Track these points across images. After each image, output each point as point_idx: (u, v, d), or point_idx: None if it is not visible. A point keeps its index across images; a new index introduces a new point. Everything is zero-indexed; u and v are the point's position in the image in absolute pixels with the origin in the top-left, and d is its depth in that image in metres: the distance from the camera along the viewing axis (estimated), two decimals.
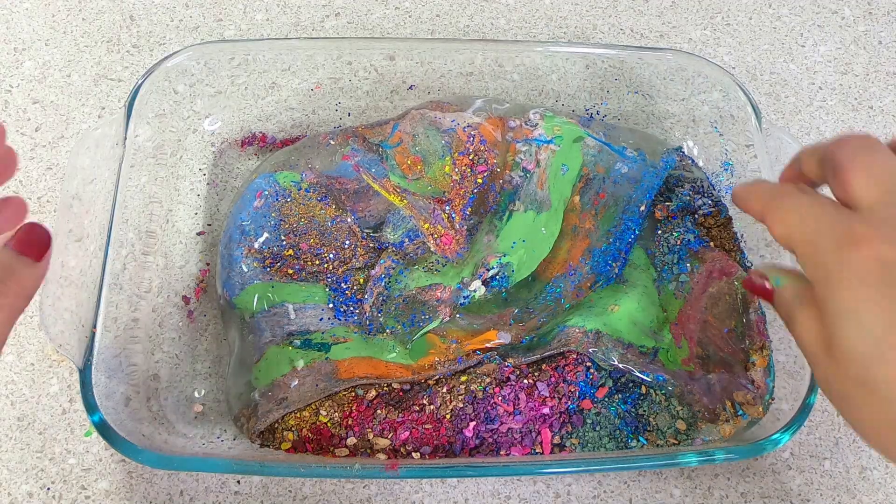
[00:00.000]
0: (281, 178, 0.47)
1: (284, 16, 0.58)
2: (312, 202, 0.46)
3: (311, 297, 0.44)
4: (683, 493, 0.43)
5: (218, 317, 0.45)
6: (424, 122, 0.48)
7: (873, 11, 0.61)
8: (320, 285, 0.45)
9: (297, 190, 0.46)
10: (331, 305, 0.44)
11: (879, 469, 0.44)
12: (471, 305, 0.44)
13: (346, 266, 0.45)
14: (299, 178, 0.47)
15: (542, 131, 0.48)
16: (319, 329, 0.43)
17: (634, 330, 0.43)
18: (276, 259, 0.44)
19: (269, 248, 0.45)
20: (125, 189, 0.42)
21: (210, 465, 0.37)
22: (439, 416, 0.40)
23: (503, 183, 0.47)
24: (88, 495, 0.41)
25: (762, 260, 0.46)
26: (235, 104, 0.51)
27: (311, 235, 0.45)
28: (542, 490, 0.42)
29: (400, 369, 0.42)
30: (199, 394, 0.43)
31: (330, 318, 0.44)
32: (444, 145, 0.48)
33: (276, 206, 0.46)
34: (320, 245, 0.45)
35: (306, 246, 0.45)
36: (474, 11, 0.59)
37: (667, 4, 0.60)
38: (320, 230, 0.46)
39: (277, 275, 0.44)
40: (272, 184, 0.46)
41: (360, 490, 0.42)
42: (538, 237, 0.45)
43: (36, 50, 0.55)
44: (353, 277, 0.45)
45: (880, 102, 0.57)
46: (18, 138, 0.51)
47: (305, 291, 0.44)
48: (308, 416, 0.40)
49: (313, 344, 0.42)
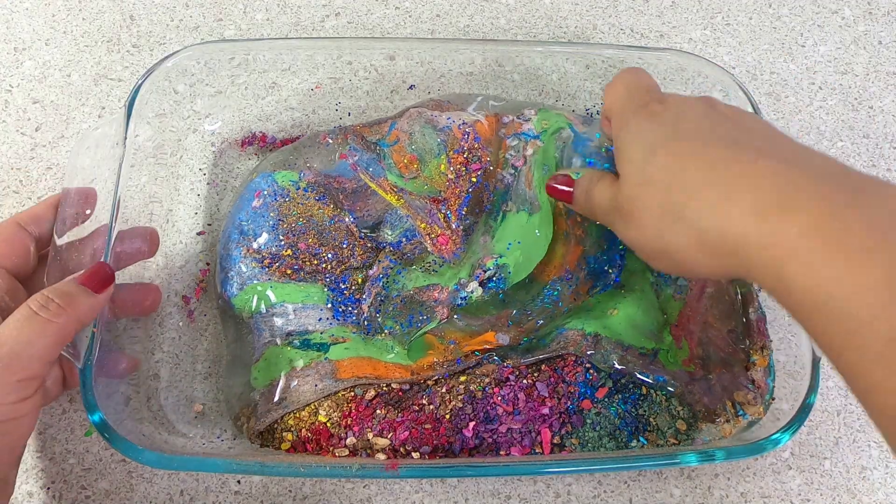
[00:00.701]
0: (279, 177, 0.47)
1: (284, 16, 0.58)
2: (310, 202, 0.46)
3: (310, 297, 0.44)
4: (683, 493, 0.43)
5: (218, 317, 0.45)
6: (421, 120, 0.48)
7: (873, 11, 0.61)
8: (319, 285, 0.44)
9: (295, 189, 0.46)
10: (329, 305, 0.44)
11: (879, 469, 0.44)
12: (468, 307, 0.44)
13: (344, 266, 0.45)
14: (297, 178, 0.47)
15: (531, 125, 0.48)
16: (318, 329, 0.43)
17: (634, 332, 0.43)
18: (274, 259, 0.44)
19: (268, 248, 0.44)
20: (125, 189, 0.42)
21: (210, 465, 0.37)
22: (439, 416, 0.40)
23: (496, 182, 0.47)
24: (88, 495, 0.41)
25: None
26: (235, 104, 0.51)
27: (310, 235, 0.45)
28: (542, 490, 0.42)
29: (399, 370, 0.42)
30: (199, 394, 0.43)
31: (329, 318, 0.44)
32: (439, 143, 0.47)
33: (274, 205, 0.46)
34: (318, 245, 0.45)
35: (304, 246, 0.45)
36: (474, 11, 0.59)
37: (667, 4, 0.60)
38: (318, 230, 0.45)
39: (276, 275, 0.44)
40: (271, 183, 0.46)
41: (360, 490, 0.42)
42: (532, 240, 0.45)
43: (36, 50, 0.55)
44: (351, 277, 0.45)
45: (880, 102, 0.57)
46: (18, 138, 0.51)
47: (304, 292, 0.44)
48: (307, 416, 0.40)
49: (312, 344, 0.42)
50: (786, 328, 0.43)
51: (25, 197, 0.49)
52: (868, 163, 0.54)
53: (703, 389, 0.41)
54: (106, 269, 0.37)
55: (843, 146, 0.55)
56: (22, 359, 0.33)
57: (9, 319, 0.34)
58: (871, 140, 0.55)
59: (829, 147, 0.54)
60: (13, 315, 0.34)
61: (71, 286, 0.36)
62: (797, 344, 0.41)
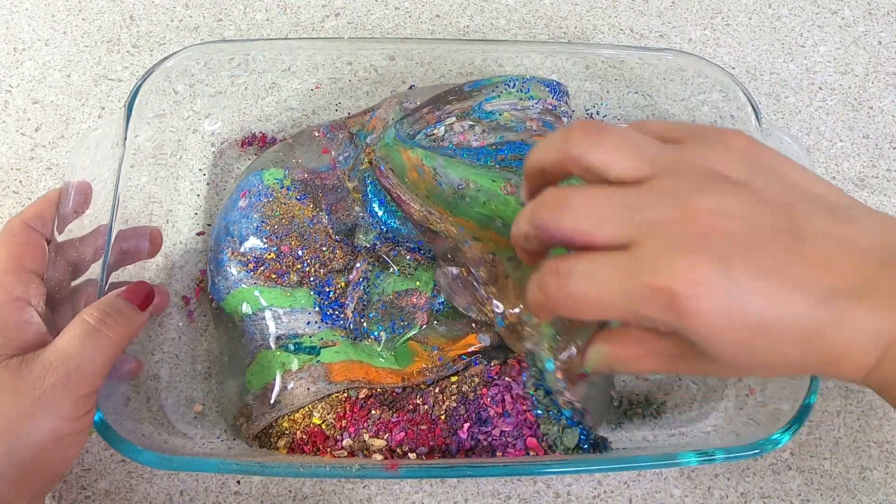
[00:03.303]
0: (266, 175, 0.46)
1: (284, 16, 0.58)
2: (292, 201, 0.45)
3: (297, 301, 0.43)
4: (683, 493, 0.43)
5: (212, 319, 0.45)
6: (396, 108, 0.47)
7: (873, 12, 0.61)
8: (304, 289, 0.43)
9: (279, 188, 0.45)
10: (317, 309, 0.43)
11: (879, 469, 0.44)
12: (447, 311, 0.43)
13: (326, 269, 0.44)
14: (283, 175, 0.46)
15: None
16: (307, 332, 0.42)
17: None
18: (259, 262, 0.43)
19: (253, 251, 0.44)
20: (125, 189, 0.42)
21: (210, 465, 0.37)
22: (434, 417, 0.40)
23: None
24: (88, 495, 0.41)
25: None
26: (235, 104, 0.51)
27: (292, 237, 0.44)
28: (542, 490, 0.42)
29: (390, 375, 0.42)
30: (199, 394, 0.43)
31: (317, 321, 0.43)
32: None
33: (258, 206, 0.45)
34: (300, 247, 0.44)
35: (287, 248, 0.44)
36: (474, 12, 0.59)
37: (667, 4, 0.60)
38: (300, 231, 0.45)
39: (261, 279, 0.43)
40: (257, 182, 0.46)
41: (360, 490, 0.42)
42: (497, 243, 0.43)
43: (36, 50, 0.55)
44: (335, 280, 0.44)
45: (880, 102, 0.57)
46: (18, 138, 0.51)
47: (290, 297, 0.43)
48: (301, 418, 0.40)
49: (303, 347, 0.42)
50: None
51: (25, 197, 0.49)
52: (868, 163, 0.54)
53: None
54: (147, 286, 0.38)
55: (843, 146, 0.55)
56: (87, 374, 0.34)
57: (68, 333, 0.34)
58: (871, 140, 0.55)
59: (829, 147, 0.54)
60: (72, 329, 0.35)
61: (121, 302, 0.36)
62: None
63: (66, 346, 0.34)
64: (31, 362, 0.33)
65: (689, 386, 0.45)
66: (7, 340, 0.34)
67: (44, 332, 0.35)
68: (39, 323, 0.35)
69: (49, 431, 0.33)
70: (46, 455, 0.33)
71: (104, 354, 0.34)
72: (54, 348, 0.34)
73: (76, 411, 0.34)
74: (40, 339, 0.35)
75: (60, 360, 0.33)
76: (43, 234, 0.38)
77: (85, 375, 0.34)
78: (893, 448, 0.45)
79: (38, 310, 0.36)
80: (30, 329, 0.35)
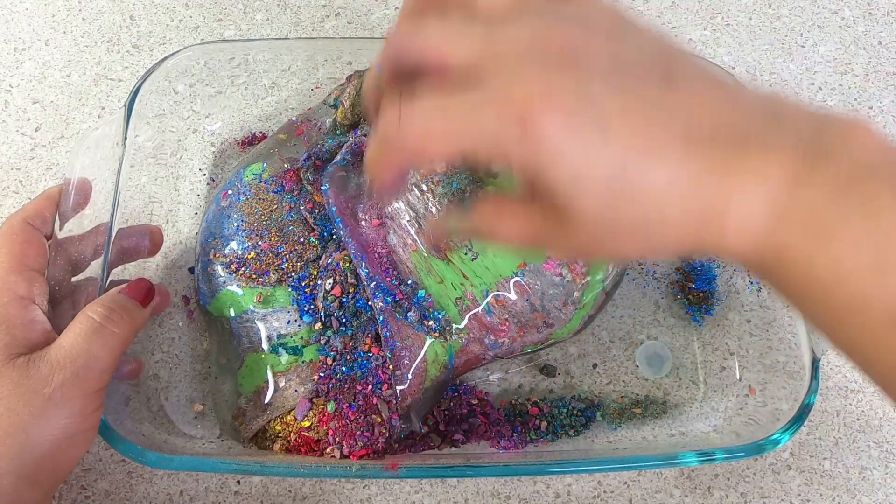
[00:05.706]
0: (246, 173, 0.45)
1: (284, 16, 0.58)
2: (270, 195, 0.44)
3: (276, 300, 0.42)
4: (683, 493, 0.43)
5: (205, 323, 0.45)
6: (358, 79, 0.47)
7: (873, 12, 0.61)
8: (283, 287, 0.42)
9: (257, 183, 0.45)
10: (295, 307, 0.42)
11: (879, 469, 0.44)
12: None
13: (302, 261, 0.43)
14: (261, 169, 0.45)
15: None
16: (290, 332, 0.41)
17: None
18: (240, 263, 0.43)
19: (234, 252, 0.43)
20: (125, 189, 0.42)
21: (210, 465, 0.37)
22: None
23: None
24: (88, 495, 0.41)
25: None
26: (235, 104, 0.51)
27: (272, 233, 0.43)
28: (542, 490, 0.42)
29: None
30: (199, 394, 0.43)
31: (297, 319, 0.42)
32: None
33: (238, 205, 0.44)
34: (280, 243, 0.43)
35: (267, 245, 0.43)
36: None
37: (667, 4, 0.60)
38: (279, 225, 0.43)
39: (243, 279, 0.42)
40: (238, 181, 0.45)
41: (360, 490, 0.42)
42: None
43: (36, 50, 0.55)
44: (308, 272, 0.43)
45: (880, 103, 0.57)
46: (18, 138, 0.51)
47: (270, 297, 0.42)
48: (293, 420, 0.40)
49: (288, 348, 0.41)
50: (786, 328, 0.43)
51: (25, 197, 0.49)
52: None
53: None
54: (148, 282, 0.38)
55: None
56: (95, 371, 0.34)
57: (73, 331, 0.34)
58: None
59: None
60: (76, 326, 0.35)
61: (124, 298, 0.37)
62: (797, 344, 0.41)
63: (72, 344, 0.34)
64: (39, 361, 0.33)
65: (689, 386, 0.45)
66: (14, 339, 0.34)
67: (49, 330, 0.35)
68: (45, 321, 0.35)
69: (60, 429, 0.33)
70: (58, 452, 0.33)
71: (111, 350, 0.35)
72: (60, 346, 0.34)
73: (86, 408, 0.34)
74: (46, 338, 0.35)
75: (68, 357, 0.33)
76: (43, 231, 0.38)
77: (93, 372, 0.34)
78: (893, 448, 0.45)
79: (42, 308, 0.36)
80: (35, 328, 0.35)
